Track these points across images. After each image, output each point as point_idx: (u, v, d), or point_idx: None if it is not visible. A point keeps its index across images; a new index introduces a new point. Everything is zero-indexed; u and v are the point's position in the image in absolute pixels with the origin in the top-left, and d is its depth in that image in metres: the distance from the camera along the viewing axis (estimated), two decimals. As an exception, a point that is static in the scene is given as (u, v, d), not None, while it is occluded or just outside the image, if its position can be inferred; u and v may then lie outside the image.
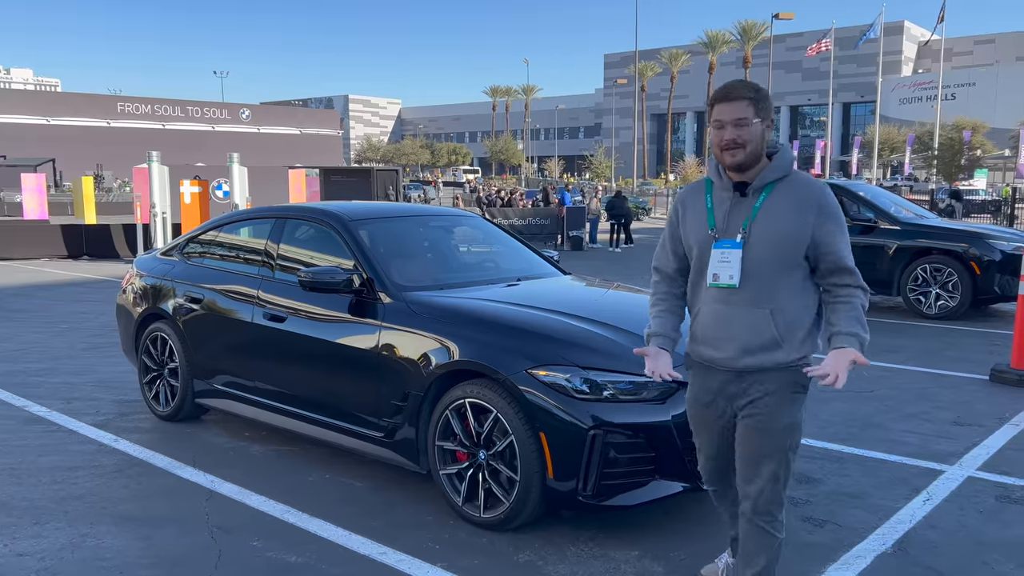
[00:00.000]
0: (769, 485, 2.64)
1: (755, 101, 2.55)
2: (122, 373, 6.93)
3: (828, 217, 2.58)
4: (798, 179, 2.63)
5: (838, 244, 2.60)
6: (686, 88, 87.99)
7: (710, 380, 2.73)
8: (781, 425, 2.61)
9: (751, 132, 2.55)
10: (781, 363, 2.60)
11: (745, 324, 2.61)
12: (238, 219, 5.46)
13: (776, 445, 2.62)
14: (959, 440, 5.14)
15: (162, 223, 17.83)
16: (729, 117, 2.55)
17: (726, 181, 2.68)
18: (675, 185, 50.56)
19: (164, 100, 66.73)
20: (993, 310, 10.42)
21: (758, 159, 2.60)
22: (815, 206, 2.58)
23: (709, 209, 2.70)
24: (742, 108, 2.55)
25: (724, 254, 2.62)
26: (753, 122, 2.55)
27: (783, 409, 2.62)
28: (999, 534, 3.76)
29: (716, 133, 2.61)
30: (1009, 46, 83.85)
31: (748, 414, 2.66)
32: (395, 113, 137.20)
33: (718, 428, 2.78)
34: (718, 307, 2.66)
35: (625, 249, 21.69)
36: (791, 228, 2.57)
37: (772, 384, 2.62)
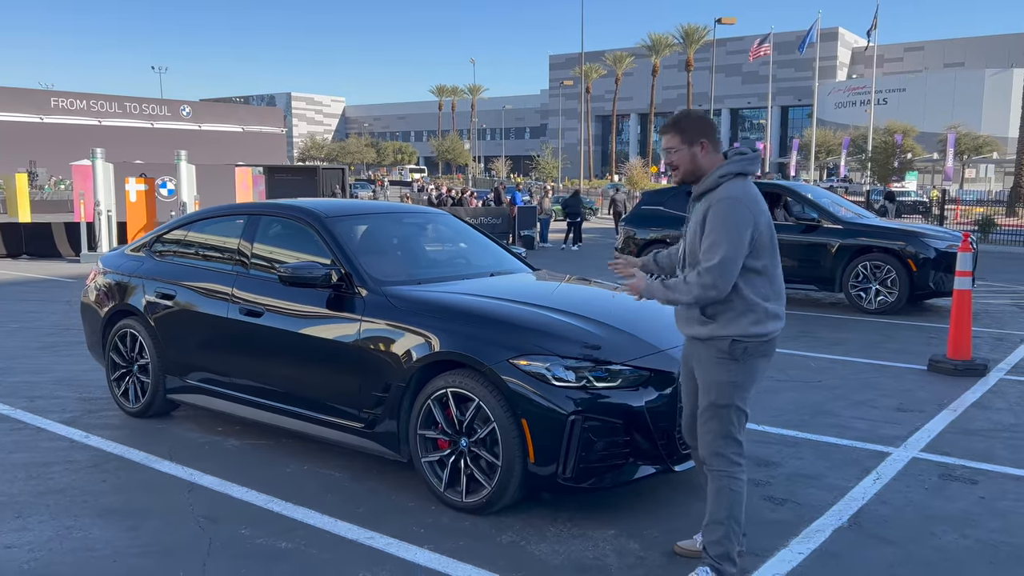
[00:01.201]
0: (709, 434, 3.18)
1: (678, 132, 3.16)
2: (82, 372, 6.87)
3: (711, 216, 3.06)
4: (719, 191, 3.10)
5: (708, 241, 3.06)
6: (630, 90, 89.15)
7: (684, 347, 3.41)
8: (710, 380, 3.16)
9: (681, 155, 3.18)
10: (709, 335, 3.15)
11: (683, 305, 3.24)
12: (209, 216, 5.49)
13: (710, 399, 3.16)
14: (903, 425, 5.48)
15: (107, 221, 17.47)
16: (664, 146, 3.22)
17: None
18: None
19: (100, 96, 64.74)
20: (928, 305, 10.96)
21: (694, 175, 3.19)
22: (707, 206, 3.11)
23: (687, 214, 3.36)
24: (669, 139, 3.19)
25: (678, 246, 3.38)
26: (679, 149, 3.16)
27: (712, 369, 3.15)
28: (943, 508, 4.07)
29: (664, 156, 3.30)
30: (937, 53, 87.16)
31: (694, 371, 3.27)
32: (339, 111, 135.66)
33: (687, 386, 3.39)
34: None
35: (568, 248, 21.99)
36: (697, 227, 3.14)
37: (706, 349, 3.17)
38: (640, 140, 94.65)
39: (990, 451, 4.95)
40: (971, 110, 70.22)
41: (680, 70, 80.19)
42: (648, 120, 78.97)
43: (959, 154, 56.54)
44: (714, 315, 3.14)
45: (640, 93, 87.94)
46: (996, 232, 23.83)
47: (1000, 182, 58.07)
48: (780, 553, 3.53)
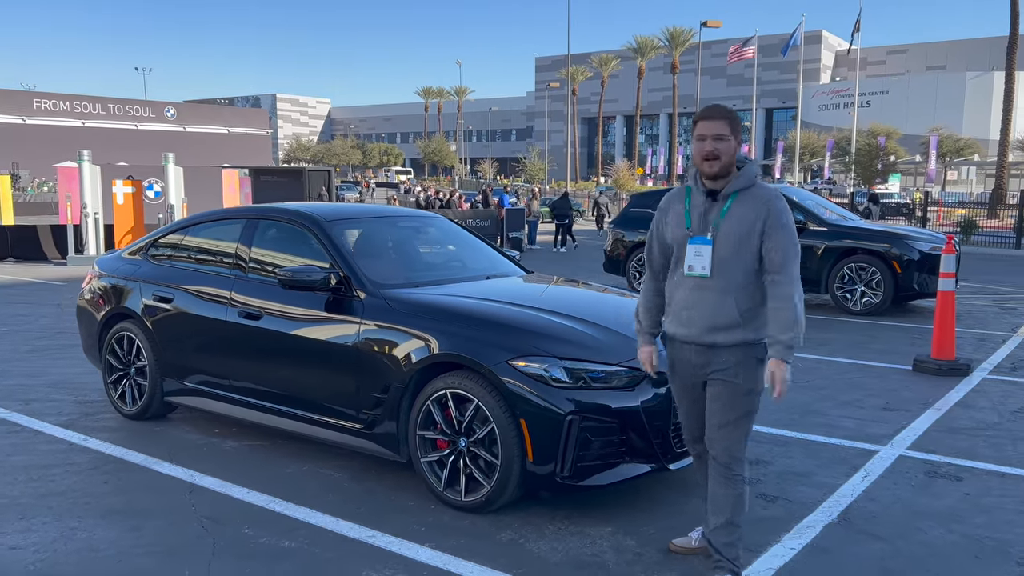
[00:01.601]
0: (731, 440, 3.16)
1: (731, 121, 3.08)
2: (76, 375, 6.89)
3: (775, 219, 3.06)
4: (757, 189, 3.13)
5: (784, 234, 3.05)
6: (616, 92, 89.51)
7: (682, 354, 3.25)
8: (738, 387, 3.13)
9: (728, 146, 3.06)
10: (741, 341, 3.11)
11: (712, 308, 3.12)
12: (207, 220, 5.53)
13: (735, 408, 3.14)
14: (889, 423, 5.60)
15: (94, 224, 17.41)
16: (711, 132, 3.06)
17: (701, 187, 3.19)
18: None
19: (84, 97, 64.37)
20: (912, 306, 11.13)
21: (730, 170, 3.11)
22: (765, 208, 3.08)
23: (687, 211, 3.22)
24: (721, 126, 3.06)
25: (698, 248, 3.15)
26: (728, 138, 3.06)
27: (740, 375, 3.13)
28: (929, 504, 4.18)
29: (698, 145, 3.11)
30: (919, 56, 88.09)
31: (713, 383, 3.17)
32: (324, 113, 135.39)
33: (689, 396, 3.31)
34: (692, 292, 3.17)
35: (568, 250, 22.10)
36: (747, 227, 3.08)
37: (733, 356, 3.12)
38: (626, 142, 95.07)
39: (974, 449, 5.08)
40: (952, 112, 71.03)
41: (665, 72, 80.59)
42: (634, 122, 79.29)
43: (941, 156, 57.16)
44: (748, 319, 3.11)
45: (626, 95, 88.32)
46: (978, 234, 24.15)
47: (982, 184, 58.74)
48: (772, 548, 3.63)
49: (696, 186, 3.21)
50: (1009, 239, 23.41)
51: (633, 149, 79.13)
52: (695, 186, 3.22)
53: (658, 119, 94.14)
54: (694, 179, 3.22)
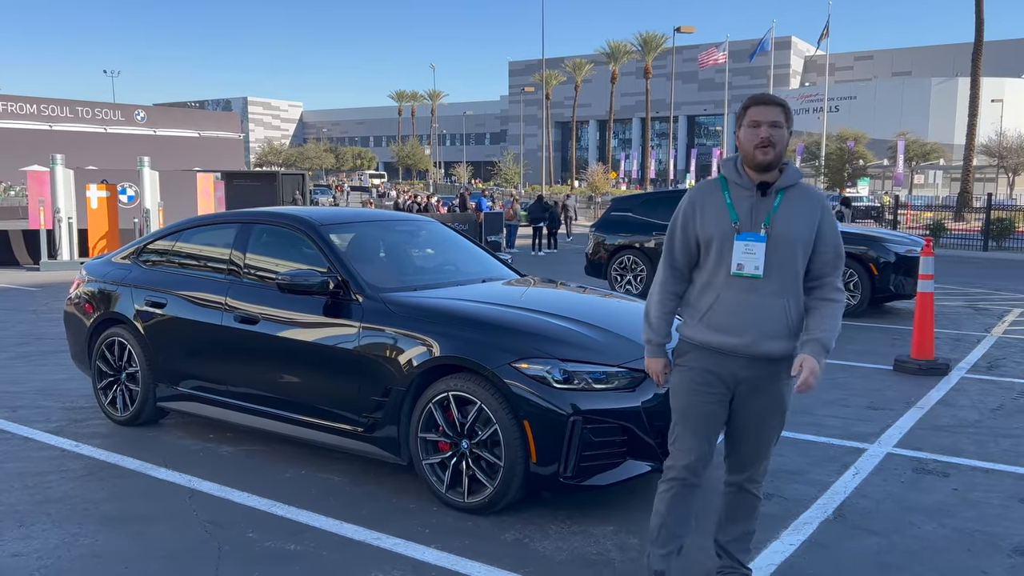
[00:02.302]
0: (767, 459, 3.09)
1: (785, 111, 2.84)
2: (61, 381, 6.82)
3: (829, 215, 2.93)
4: (805, 187, 2.94)
5: (838, 236, 2.93)
6: (589, 97, 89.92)
7: (719, 367, 2.91)
8: (784, 406, 2.99)
9: (782, 135, 2.82)
10: (788, 352, 2.89)
11: (766, 313, 2.84)
12: (200, 224, 5.51)
13: (779, 422, 3.03)
14: (875, 422, 5.73)
15: (68, 228, 17.18)
16: (766, 118, 2.80)
17: (746, 180, 2.89)
18: (581, 192, 51.64)
19: (51, 100, 63.24)
20: (888, 308, 11.35)
21: (781, 160, 2.86)
22: (820, 208, 2.90)
23: (729, 204, 2.90)
24: (777, 112, 2.82)
25: (748, 246, 2.84)
26: (783, 127, 2.81)
27: (785, 392, 2.97)
28: (919, 500, 4.29)
29: (751, 132, 2.82)
30: (886, 62, 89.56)
31: (751, 399, 2.94)
32: (296, 116, 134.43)
33: (713, 415, 2.97)
34: (739, 295, 2.85)
35: (548, 254, 22.19)
36: (805, 227, 2.86)
37: (776, 369, 2.90)
38: (599, 146, 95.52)
39: (958, 446, 5.21)
40: (918, 117, 72.27)
41: (638, 77, 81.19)
42: (607, 127, 79.78)
43: (908, 160, 58.18)
44: (796, 328, 2.90)
45: (599, 100, 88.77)
46: (946, 236, 24.64)
47: (947, 188, 59.91)
48: (772, 545, 3.71)
49: (739, 178, 2.90)
50: (977, 241, 23.92)
51: (606, 153, 79.56)
52: (736, 178, 2.91)
53: (631, 123, 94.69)
54: (735, 170, 2.91)
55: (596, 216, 37.09)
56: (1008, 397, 6.47)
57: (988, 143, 56.42)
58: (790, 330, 2.87)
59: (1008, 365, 7.68)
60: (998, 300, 12.53)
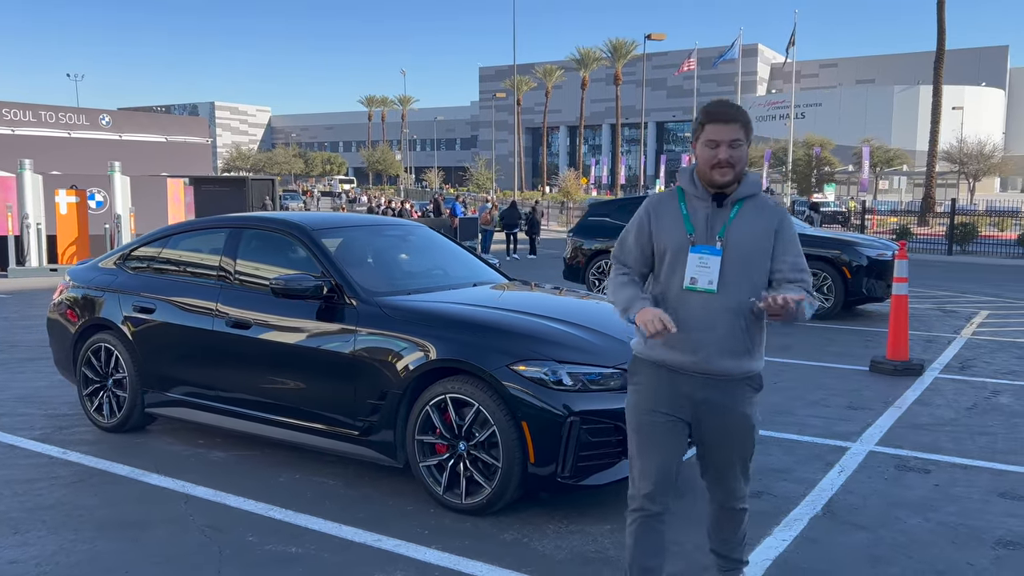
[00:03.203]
0: (744, 480, 2.92)
1: (745, 125, 2.66)
2: (41, 388, 6.74)
3: (789, 228, 2.79)
4: (763, 198, 2.82)
5: (796, 249, 2.79)
6: (559, 103, 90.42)
7: (672, 386, 2.76)
8: (750, 424, 2.83)
9: (742, 154, 2.67)
10: (747, 371, 2.75)
11: (722, 330, 2.68)
12: (188, 229, 5.50)
13: (748, 445, 2.86)
14: (855, 422, 5.87)
15: (36, 234, 16.90)
16: (725, 137, 2.64)
17: (702, 191, 2.75)
18: (552, 197, 51.88)
19: (13, 104, 61.74)
20: (860, 310, 11.58)
21: (740, 179, 2.75)
22: (778, 219, 2.77)
23: (685, 215, 2.76)
24: (736, 130, 2.64)
25: (703, 259, 2.69)
26: (743, 144, 2.66)
27: (749, 412, 2.81)
28: (903, 495, 4.41)
29: (708, 151, 2.67)
30: (850, 70, 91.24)
31: (713, 421, 2.77)
32: (265, 121, 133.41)
33: (670, 438, 2.79)
34: (692, 310, 2.69)
35: (525, 259, 22.26)
36: (761, 237, 2.73)
37: (735, 390, 2.75)
38: (569, 152, 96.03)
39: (936, 443, 5.36)
40: (882, 124, 73.70)
41: (608, 83, 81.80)
42: (577, 132, 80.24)
43: (872, 166, 59.24)
44: (756, 345, 2.76)
45: (569, 106, 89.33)
46: (912, 240, 25.15)
47: (911, 193, 61.07)
48: (766, 540, 3.80)
49: (695, 189, 2.77)
50: (941, 245, 24.47)
51: (577, 159, 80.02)
52: (693, 189, 2.77)
53: (601, 129, 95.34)
54: (691, 180, 2.78)
55: (569, 221, 37.30)
56: (981, 396, 6.66)
57: (949, 150, 57.68)
58: (747, 348, 2.72)
59: (979, 365, 7.89)
60: (965, 302, 12.84)
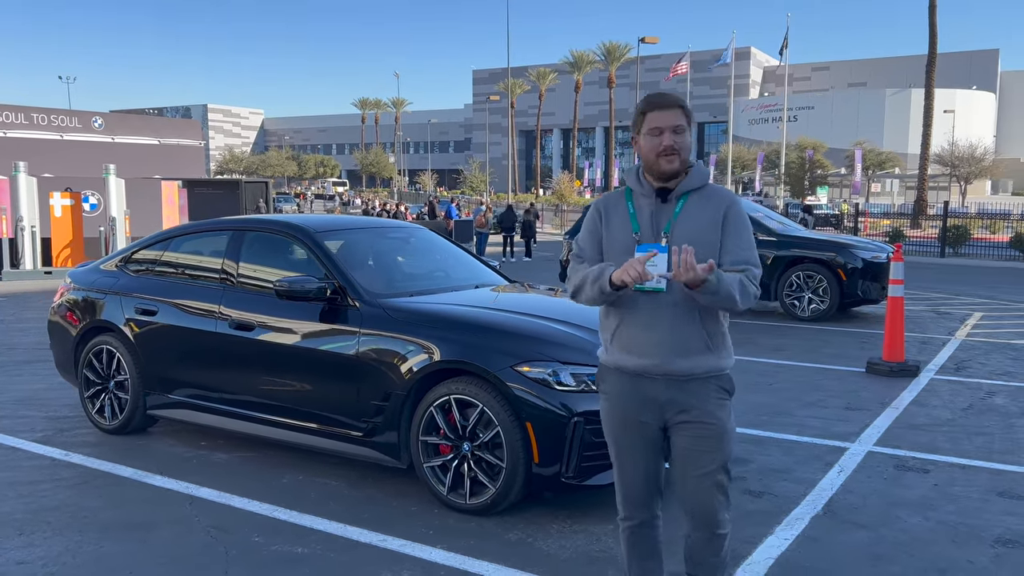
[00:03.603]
0: (719, 495, 2.64)
1: (685, 111, 2.63)
2: (40, 390, 6.73)
3: (737, 216, 2.65)
4: (712, 189, 2.71)
5: (744, 240, 2.65)
6: (553, 106, 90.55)
7: (636, 390, 2.65)
8: (723, 429, 2.61)
9: (685, 140, 2.61)
10: (712, 370, 2.60)
11: (675, 328, 2.57)
12: (190, 232, 5.51)
13: (721, 453, 2.61)
14: (853, 422, 5.91)
15: (31, 237, 16.85)
16: (667, 124, 2.58)
17: (647, 187, 2.67)
18: (546, 200, 51.97)
19: (4, 106, 61.36)
20: (856, 312, 11.64)
21: (686, 167, 2.65)
22: (725, 207, 2.65)
23: (632, 214, 2.68)
24: (678, 115, 2.60)
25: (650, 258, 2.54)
26: (686, 130, 2.61)
27: (720, 415, 2.61)
28: (902, 494, 4.46)
29: (652, 140, 2.59)
30: (842, 73, 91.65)
31: (683, 425, 2.61)
32: (258, 123, 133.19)
33: (644, 444, 2.70)
34: (645, 311, 2.60)
35: (521, 261, 22.30)
36: (707, 229, 2.61)
37: (703, 389, 2.60)
38: (563, 155, 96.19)
39: (934, 443, 5.41)
40: (874, 127, 74.08)
41: (601, 86, 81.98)
42: (571, 135, 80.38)
43: (865, 169, 59.53)
44: (716, 344, 2.63)
45: (563, 109, 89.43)
46: (905, 243, 25.24)
47: (903, 196, 61.39)
48: (768, 539, 3.84)
49: (639, 186, 2.70)
50: (934, 248, 24.61)
51: (571, 162, 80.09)
52: (638, 186, 2.70)
53: (594, 132, 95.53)
54: (636, 178, 2.71)
55: (564, 224, 37.34)
56: (976, 397, 6.72)
57: (941, 152, 58.00)
58: (707, 344, 2.60)
59: (974, 367, 7.96)
60: (958, 304, 12.93)
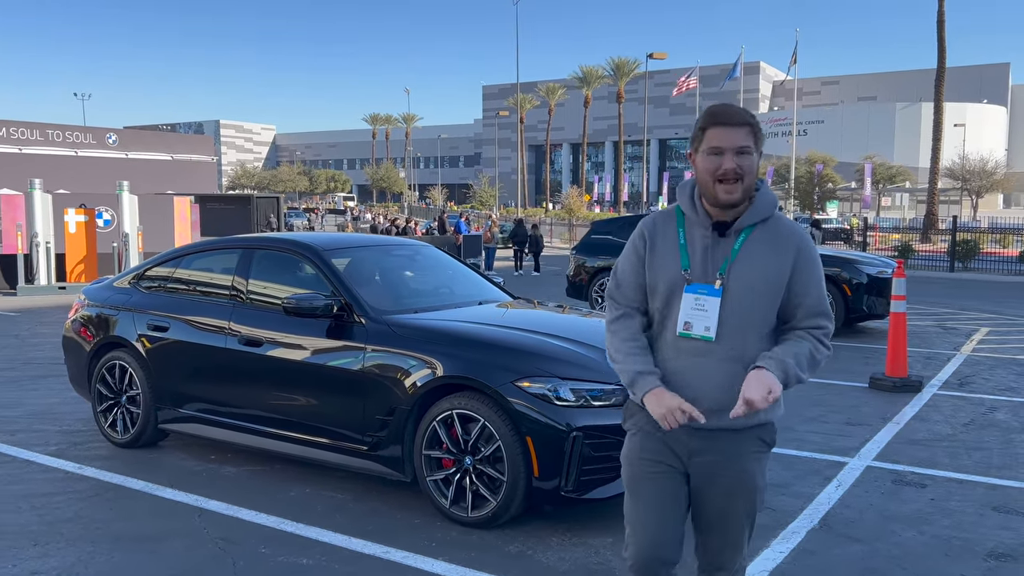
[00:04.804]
0: (741, 550, 2.48)
1: (755, 129, 2.27)
2: (54, 405, 6.87)
3: (808, 260, 2.35)
4: (779, 222, 2.37)
5: (816, 288, 2.37)
6: (562, 120, 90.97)
7: (666, 436, 2.39)
8: (753, 486, 2.40)
9: (751, 163, 2.26)
10: (754, 423, 2.36)
11: (718, 380, 2.31)
12: (200, 250, 5.65)
13: (748, 508, 2.42)
14: (854, 437, 5.97)
15: (45, 253, 17.09)
16: (731, 144, 2.23)
17: (703, 217, 2.34)
18: (556, 215, 52.14)
19: (20, 123, 62.15)
20: (862, 327, 11.67)
21: (750, 195, 2.32)
22: (795, 249, 2.33)
23: (682, 245, 2.36)
24: (744, 135, 2.24)
25: (699, 301, 2.31)
26: (752, 152, 2.26)
27: (753, 469, 2.40)
28: (899, 509, 4.52)
29: (711, 160, 2.26)
30: (852, 87, 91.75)
31: (709, 476, 2.39)
32: (269, 139, 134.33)
33: (665, 491, 2.41)
34: (687, 359, 2.34)
35: (529, 276, 22.43)
36: (771, 275, 2.31)
37: (736, 443, 2.37)
38: (572, 169, 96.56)
39: (933, 458, 5.46)
40: (884, 141, 74.05)
41: (611, 101, 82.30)
42: (580, 150, 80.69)
43: (875, 183, 59.46)
44: None
45: (572, 123, 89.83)
46: (914, 257, 25.24)
47: (914, 210, 61.29)
48: (764, 553, 3.91)
49: (694, 211, 2.35)
50: (943, 262, 24.56)
51: (580, 176, 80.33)
52: (692, 211, 2.36)
53: (604, 147, 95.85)
54: (691, 200, 2.37)
55: (573, 238, 37.47)
56: (978, 412, 6.76)
57: (952, 166, 57.89)
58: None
59: (977, 382, 7.99)
60: (965, 319, 12.94)
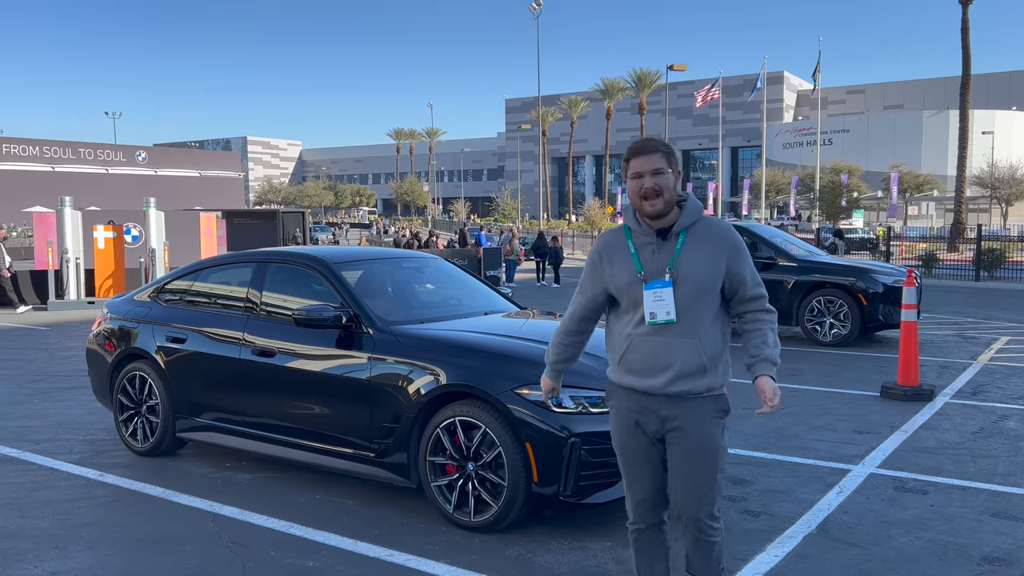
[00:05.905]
0: (707, 503, 2.90)
1: (667, 154, 2.88)
2: (79, 415, 7.10)
3: (738, 249, 2.94)
4: (707, 222, 2.96)
5: (749, 268, 2.97)
6: (585, 133, 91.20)
7: (640, 406, 2.94)
8: (716, 446, 2.89)
9: (667, 180, 2.85)
10: (708, 389, 2.88)
11: (678, 353, 2.85)
12: (216, 264, 5.84)
13: (711, 467, 2.89)
14: (860, 445, 6.01)
15: (75, 268, 17.51)
16: (647, 168, 2.84)
17: (646, 228, 2.93)
18: (578, 227, 52.29)
19: (53, 141, 64.05)
20: (878, 337, 11.65)
21: (671, 206, 2.89)
22: (727, 244, 2.92)
23: (633, 254, 2.94)
24: (657, 160, 2.85)
25: (658, 294, 2.86)
26: (667, 172, 2.85)
27: (711, 432, 2.89)
28: (898, 515, 4.56)
29: (635, 183, 2.87)
30: (877, 96, 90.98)
31: (679, 439, 2.89)
32: (296, 154, 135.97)
33: (648, 455, 2.97)
34: (658, 338, 2.88)
35: (551, 288, 22.57)
36: (710, 263, 2.89)
37: (699, 409, 2.88)
38: (595, 181, 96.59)
39: (938, 466, 5.49)
40: (911, 150, 73.31)
41: (633, 113, 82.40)
42: (603, 161, 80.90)
43: (902, 192, 58.89)
44: (713, 366, 2.90)
45: (594, 135, 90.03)
46: (939, 267, 25.01)
47: (941, 219, 60.56)
48: (759, 556, 3.98)
49: (638, 227, 2.95)
50: (969, 272, 24.31)
51: (603, 188, 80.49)
52: (637, 227, 2.96)
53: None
54: (634, 218, 2.96)
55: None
56: (989, 420, 6.76)
57: (980, 174, 57.18)
58: (705, 366, 2.88)
59: (991, 390, 7.97)
60: (987, 328, 12.85)
